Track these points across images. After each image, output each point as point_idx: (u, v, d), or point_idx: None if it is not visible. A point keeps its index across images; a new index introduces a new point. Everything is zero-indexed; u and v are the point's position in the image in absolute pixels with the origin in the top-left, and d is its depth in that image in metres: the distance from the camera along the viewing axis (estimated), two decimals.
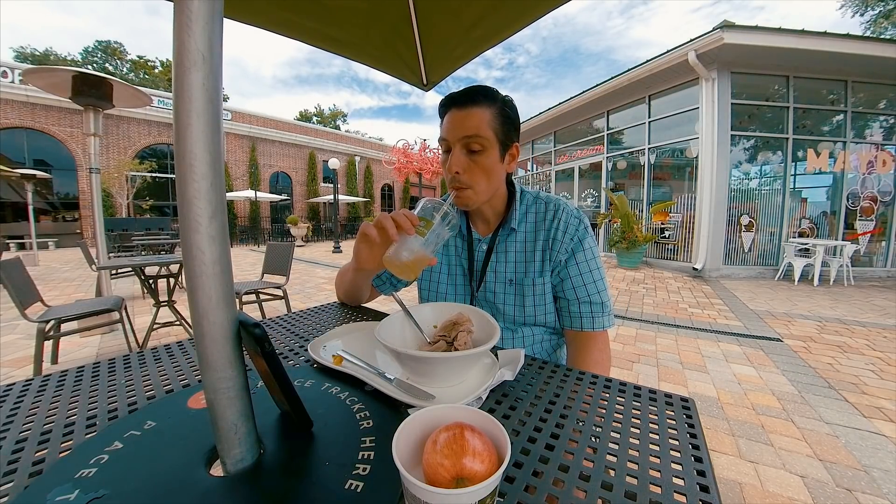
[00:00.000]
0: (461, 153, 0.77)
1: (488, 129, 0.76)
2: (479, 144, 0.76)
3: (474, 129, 0.75)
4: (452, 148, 0.77)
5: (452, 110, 0.77)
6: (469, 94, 0.77)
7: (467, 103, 0.76)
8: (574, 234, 0.83)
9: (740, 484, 1.40)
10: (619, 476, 0.37)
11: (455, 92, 0.79)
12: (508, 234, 0.87)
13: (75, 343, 2.92)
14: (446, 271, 0.93)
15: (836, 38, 5.35)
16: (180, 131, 0.31)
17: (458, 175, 0.77)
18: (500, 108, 0.78)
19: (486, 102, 0.76)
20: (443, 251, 0.94)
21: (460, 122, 0.76)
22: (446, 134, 0.78)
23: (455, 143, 0.77)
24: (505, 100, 0.79)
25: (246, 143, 16.50)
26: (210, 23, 0.31)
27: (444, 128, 0.79)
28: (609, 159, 8.25)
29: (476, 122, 0.75)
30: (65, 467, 0.37)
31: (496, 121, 0.77)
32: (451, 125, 0.77)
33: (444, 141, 0.80)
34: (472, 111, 0.75)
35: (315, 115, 48.64)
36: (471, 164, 0.77)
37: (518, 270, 0.85)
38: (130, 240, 7.62)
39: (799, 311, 3.99)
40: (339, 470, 0.37)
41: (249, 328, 0.35)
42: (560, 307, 0.85)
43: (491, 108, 0.76)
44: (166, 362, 0.65)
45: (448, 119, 0.78)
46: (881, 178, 6.29)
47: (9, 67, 11.37)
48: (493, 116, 0.76)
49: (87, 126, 2.83)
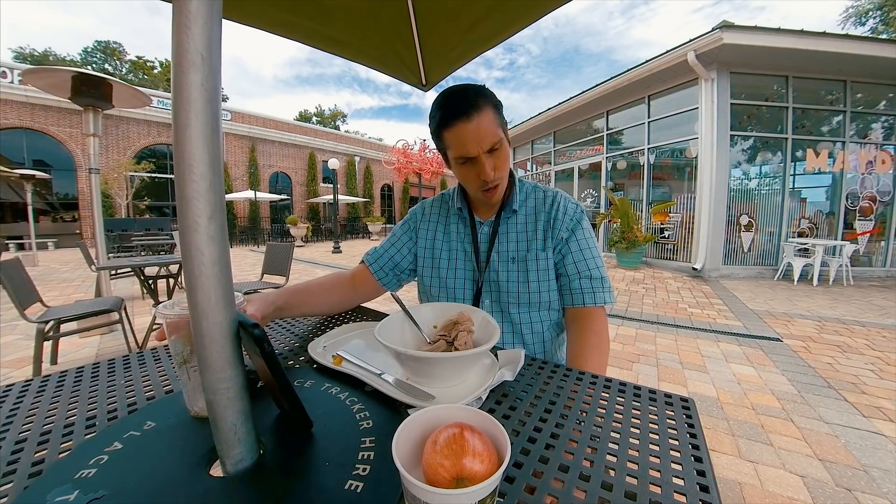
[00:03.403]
0: (488, 158, 0.76)
1: (497, 128, 0.76)
2: (499, 143, 0.76)
3: (493, 134, 0.74)
4: (477, 157, 0.76)
5: (459, 125, 0.74)
6: (470, 102, 0.74)
7: (472, 112, 0.73)
8: (573, 215, 0.86)
9: (740, 484, 1.40)
10: (619, 476, 0.37)
11: (451, 104, 0.75)
12: (510, 215, 0.89)
13: (75, 344, 2.92)
14: (447, 256, 0.93)
15: (835, 39, 5.35)
16: (179, 132, 0.31)
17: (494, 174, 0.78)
18: (493, 100, 0.77)
19: (483, 102, 0.74)
20: (443, 237, 0.94)
21: (477, 133, 0.73)
22: (468, 150, 0.76)
23: (481, 154, 0.75)
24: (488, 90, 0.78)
25: (245, 143, 16.49)
26: (209, 23, 0.31)
27: (461, 145, 0.76)
28: (609, 159, 8.25)
29: (489, 125, 0.74)
30: (64, 468, 0.37)
31: (497, 115, 0.76)
32: (470, 139, 0.74)
33: (465, 158, 0.78)
34: (481, 118, 0.73)
35: (315, 116, 48.65)
36: (498, 163, 0.78)
37: (520, 248, 0.87)
38: (130, 240, 7.62)
39: (798, 311, 3.99)
40: (338, 470, 0.37)
41: (249, 328, 0.35)
42: (561, 285, 0.85)
43: (488, 104, 0.75)
44: (166, 363, 0.65)
45: (460, 134, 0.75)
46: (880, 177, 6.30)
47: (8, 68, 11.36)
48: (494, 112, 0.76)
49: (86, 126, 2.83)
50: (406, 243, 0.97)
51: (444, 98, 0.77)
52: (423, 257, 0.96)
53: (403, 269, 0.96)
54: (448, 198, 0.99)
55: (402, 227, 1.00)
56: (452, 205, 0.95)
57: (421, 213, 1.00)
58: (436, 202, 1.01)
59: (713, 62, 5.74)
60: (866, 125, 6.42)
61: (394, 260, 0.95)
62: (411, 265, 0.97)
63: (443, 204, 1.00)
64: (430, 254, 0.95)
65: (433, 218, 0.98)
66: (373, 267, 0.94)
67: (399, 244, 0.97)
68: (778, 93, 6.20)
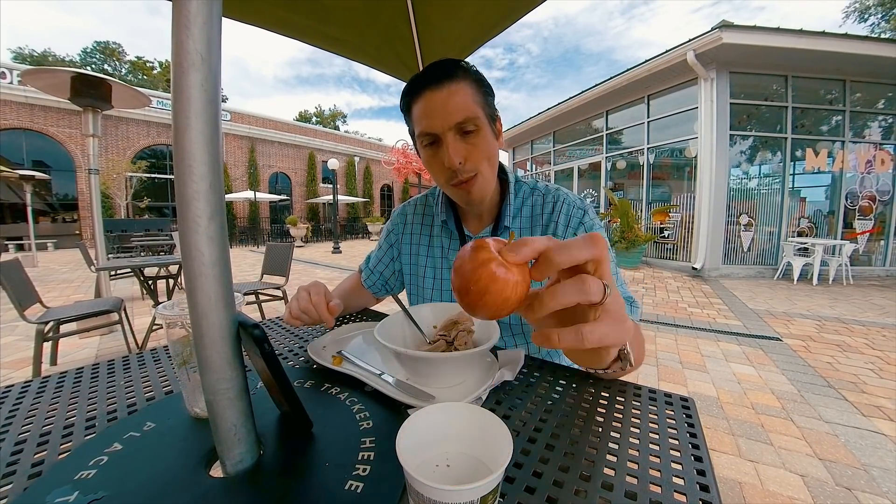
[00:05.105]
0: (456, 140, 0.64)
1: (476, 106, 0.65)
2: (473, 124, 0.64)
3: (466, 109, 0.63)
4: (443, 138, 0.64)
5: (427, 94, 0.64)
6: (443, 70, 0.64)
7: (444, 80, 0.63)
8: (577, 227, 0.72)
9: (740, 483, 1.41)
10: (619, 476, 0.37)
11: (423, 73, 0.65)
12: (502, 232, 0.79)
13: (74, 344, 2.92)
14: (431, 275, 0.85)
15: (834, 38, 5.36)
16: (179, 132, 0.31)
17: (463, 164, 0.65)
18: (476, 77, 0.66)
19: (462, 73, 0.64)
20: (427, 252, 0.86)
21: (444, 104, 0.63)
22: (431, 124, 0.64)
23: (447, 132, 0.64)
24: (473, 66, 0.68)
25: (245, 143, 16.49)
26: (209, 23, 0.31)
27: (425, 117, 0.65)
28: (608, 159, 8.25)
29: (463, 99, 0.63)
30: (64, 469, 0.37)
31: (478, 93, 0.66)
32: (434, 111, 0.64)
33: (428, 135, 0.66)
34: (454, 88, 0.63)
35: (315, 116, 48.65)
36: (470, 149, 0.66)
37: None
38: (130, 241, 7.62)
39: (798, 311, 3.99)
40: (338, 470, 0.37)
41: (249, 329, 0.35)
42: None
43: (467, 78, 0.65)
44: (166, 363, 0.65)
45: (426, 105, 0.64)
46: (880, 177, 6.30)
47: (7, 68, 11.36)
48: (475, 89, 0.65)
49: (85, 127, 2.83)
50: (392, 258, 0.92)
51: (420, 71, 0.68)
52: (407, 274, 0.90)
53: (393, 285, 0.94)
54: (432, 202, 0.88)
55: (386, 239, 0.94)
56: (436, 213, 0.85)
57: (402, 224, 0.91)
58: (418, 209, 0.91)
59: (712, 62, 5.75)
60: (864, 124, 6.42)
61: (384, 276, 0.94)
62: (399, 279, 0.94)
63: (426, 211, 0.89)
64: (414, 270, 0.88)
65: (415, 230, 0.89)
66: (366, 282, 0.95)
67: (386, 259, 0.93)
68: (777, 92, 6.21)
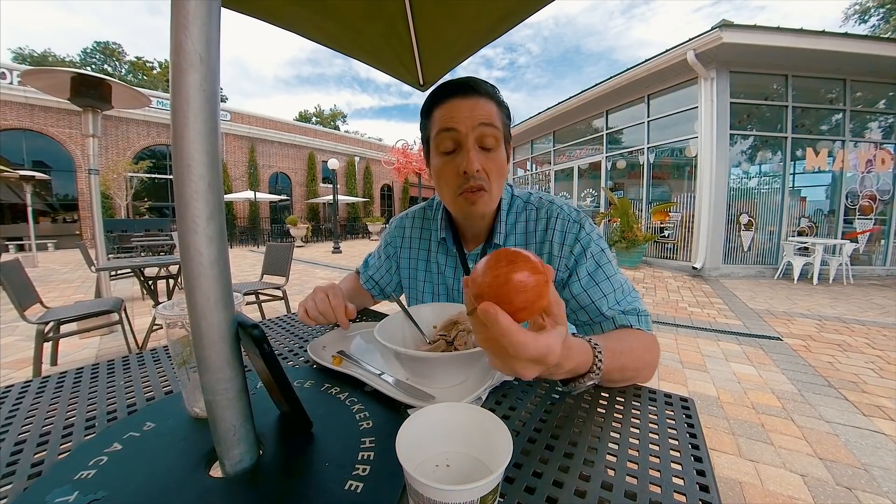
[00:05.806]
0: (476, 148, 0.64)
1: (499, 121, 0.66)
2: (494, 138, 0.64)
3: (490, 117, 0.64)
4: (464, 142, 0.63)
5: (455, 99, 0.64)
6: (473, 83, 0.65)
7: (471, 92, 0.64)
8: (574, 244, 0.69)
9: (740, 483, 1.40)
10: (618, 476, 0.37)
11: (452, 83, 0.66)
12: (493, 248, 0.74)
13: (74, 344, 2.92)
14: (430, 290, 0.84)
15: (834, 38, 5.35)
16: (178, 132, 0.31)
17: (479, 172, 0.64)
18: (499, 98, 0.69)
19: (489, 94, 0.66)
20: (425, 267, 0.85)
21: (471, 108, 0.63)
22: (456, 123, 0.63)
23: (468, 135, 0.63)
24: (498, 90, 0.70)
25: (245, 143, 16.48)
26: (207, 23, 0.31)
27: (449, 116, 0.64)
28: (608, 159, 8.25)
29: (489, 110, 0.64)
30: (64, 469, 0.37)
31: (501, 113, 0.67)
32: (461, 111, 0.63)
33: (451, 131, 0.64)
34: (481, 101, 0.64)
35: (314, 116, 48.66)
36: (488, 162, 0.65)
37: None
38: (130, 241, 7.62)
39: (798, 310, 3.99)
40: (338, 470, 0.37)
41: (248, 329, 0.35)
42: (582, 321, 0.69)
43: (494, 98, 0.67)
44: (165, 364, 0.65)
45: (452, 107, 0.64)
46: (880, 176, 6.29)
47: (7, 69, 11.36)
48: (498, 109, 0.67)
49: (85, 127, 2.83)
50: (389, 269, 0.92)
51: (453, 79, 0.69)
52: (406, 287, 0.90)
53: (391, 292, 0.94)
54: (430, 215, 0.87)
55: (384, 249, 0.93)
56: (435, 229, 0.83)
57: (400, 238, 0.90)
58: (416, 222, 0.89)
59: (712, 61, 5.74)
60: (865, 124, 6.42)
61: (380, 284, 0.94)
62: (397, 287, 0.94)
63: (424, 225, 0.87)
64: (413, 284, 0.88)
65: (413, 244, 0.88)
66: (366, 285, 0.95)
67: (383, 269, 0.93)
68: (777, 92, 6.20)
